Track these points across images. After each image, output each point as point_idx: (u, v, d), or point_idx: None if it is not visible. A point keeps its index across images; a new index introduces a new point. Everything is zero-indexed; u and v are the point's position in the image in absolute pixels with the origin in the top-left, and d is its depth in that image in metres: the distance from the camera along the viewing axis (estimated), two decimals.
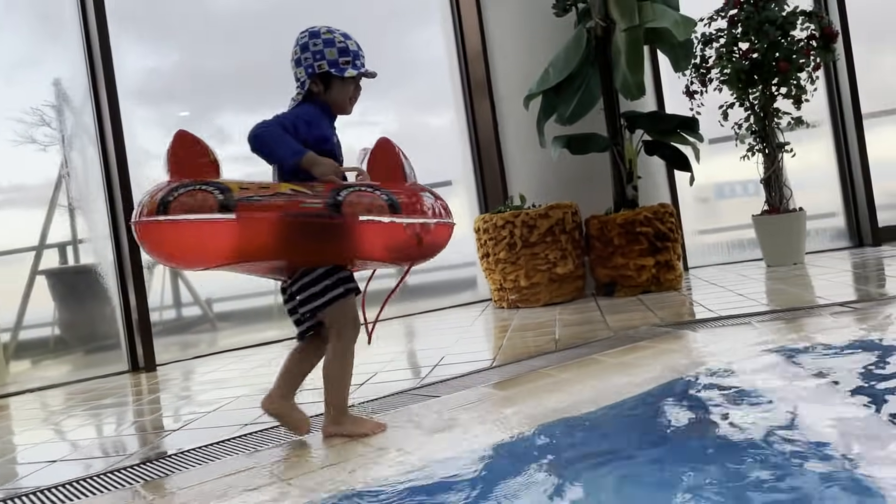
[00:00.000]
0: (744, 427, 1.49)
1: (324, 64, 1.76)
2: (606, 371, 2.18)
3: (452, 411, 1.92)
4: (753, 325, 2.61)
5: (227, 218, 1.56)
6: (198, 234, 1.57)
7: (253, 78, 4.90)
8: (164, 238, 1.58)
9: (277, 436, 1.90)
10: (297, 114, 1.77)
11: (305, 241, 1.63)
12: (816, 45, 4.46)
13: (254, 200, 1.59)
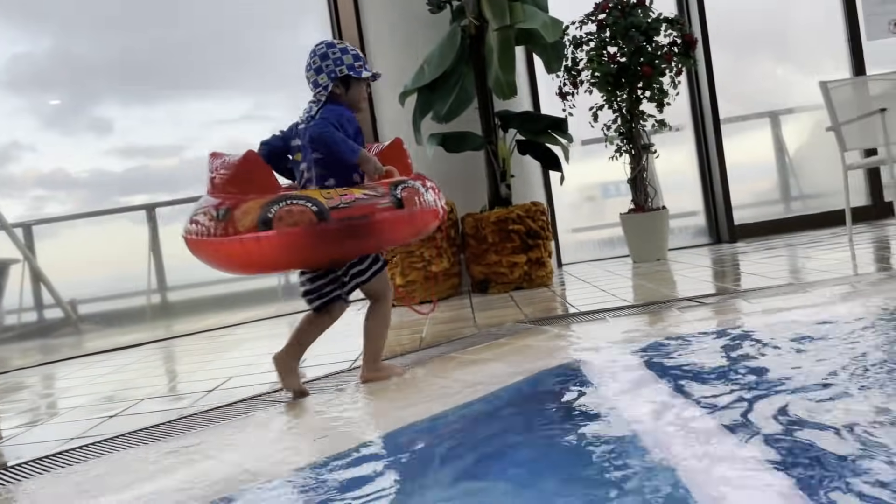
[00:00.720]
0: (579, 424, 1.51)
1: (344, 68, 2.03)
2: (461, 368, 2.18)
3: (298, 419, 1.85)
4: (607, 321, 2.69)
5: (325, 226, 1.77)
6: (300, 244, 1.77)
7: (134, 67, 4.64)
8: (264, 251, 1.75)
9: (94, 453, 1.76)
10: (338, 113, 1.99)
11: (380, 234, 1.88)
12: (678, 51, 4.69)
13: (341, 207, 1.80)
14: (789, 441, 1.20)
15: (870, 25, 5.60)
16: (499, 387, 1.84)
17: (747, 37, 5.88)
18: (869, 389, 1.42)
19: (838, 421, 1.26)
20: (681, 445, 1.26)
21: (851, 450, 1.12)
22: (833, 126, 4.31)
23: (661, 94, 4.70)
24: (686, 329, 2.31)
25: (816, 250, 4.16)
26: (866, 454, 1.09)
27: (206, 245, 1.83)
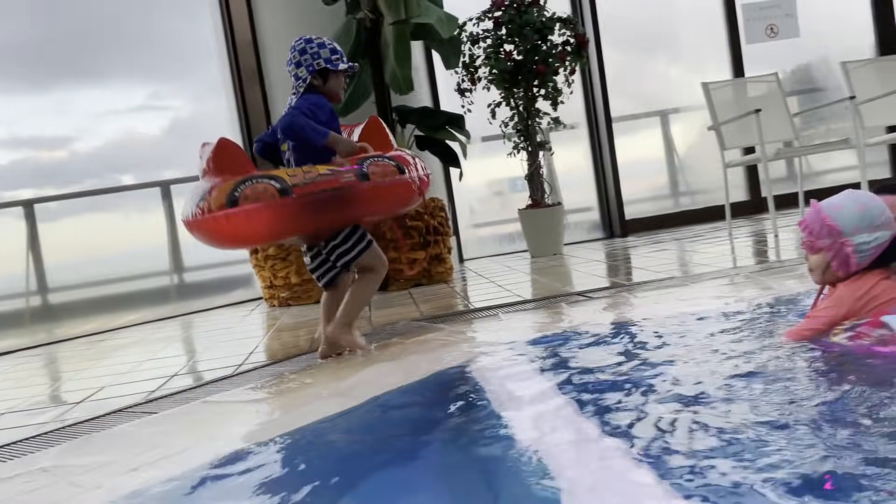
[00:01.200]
0: (461, 431, 1.50)
1: (321, 61, 2.20)
2: (350, 370, 2.13)
3: (169, 436, 1.74)
4: (500, 318, 2.71)
5: (287, 199, 1.93)
6: (265, 218, 1.93)
7: (18, 53, 4.29)
8: (235, 226, 1.93)
9: None
10: (310, 102, 2.16)
11: (347, 206, 2.05)
12: (570, 50, 4.79)
13: (304, 184, 1.96)
14: (666, 441, 1.22)
15: (748, 30, 5.92)
16: (383, 391, 1.81)
17: (639, 38, 6.09)
18: (739, 386, 1.47)
19: (711, 418, 1.30)
20: (562, 450, 1.27)
21: (727, 447, 1.16)
22: (714, 125, 4.53)
23: (555, 93, 4.79)
24: (573, 324, 2.35)
25: (699, 244, 4.37)
26: (737, 449, 1.13)
27: (190, 225, 2.07)
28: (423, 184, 2.27)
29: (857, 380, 1.39)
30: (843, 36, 6.10)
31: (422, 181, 2.26)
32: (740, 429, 1.20)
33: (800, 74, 6.26)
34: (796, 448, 1.09)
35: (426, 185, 2.30)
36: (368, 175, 2.07)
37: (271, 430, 1.60)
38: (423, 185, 2.27)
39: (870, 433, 1.11)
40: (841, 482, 0.96)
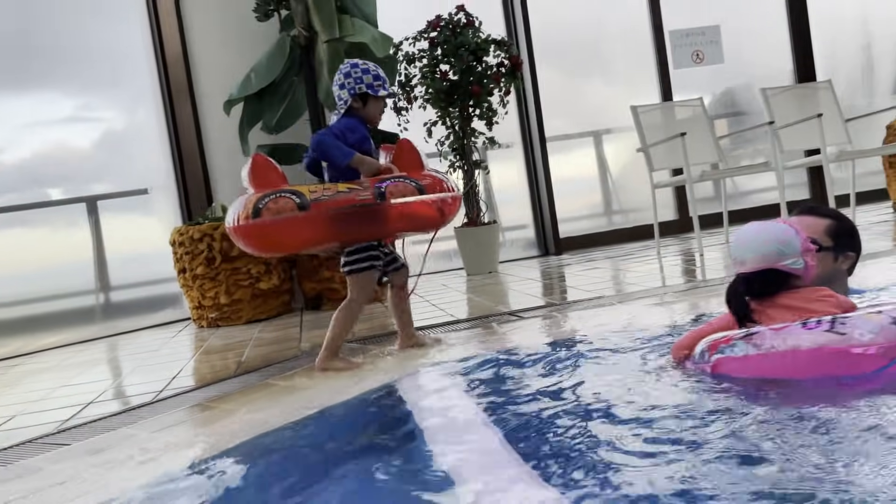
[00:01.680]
0: (381, 458, 1.47)
1: (363, 86, 2.33)
2: (273, 397, 2.08)
3: (72, 467, 1.66)
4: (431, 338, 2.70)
5: (305, 214, 2.10)
6: (285, 230, 2.12)
7: None
8: (260, 235, 2.14)
9: None
10: (342, 125, 2.35)
11: (363, 223, 2.18)
12: (505, 71, 4.86)
13: (322, 199, 2.12)
14: (580, 461, 1.23)
15: (676, 56, 6.14)
16: (303, 416, 1.77)
17: (574, 60, 6.23)
18: (662, 406, 1.50)
19: (623, 439, 1.31)
20: (475, 471, 1.26)
21: (641, 468, 1.17)
22: (642, 147, 4.66)
23: (490, 113, 4.85)
24: (502, 344, 2.36)
25: (630, 262, 4.47)
26: (652, 470, 1.15)
27: (229, 232, 2.25)
28: (448, 205, 2.33)
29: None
30: (764, 63, 6.39)
31: (445, 203, 2.32)
32: (660, 452, 1.22)
33: (725, 99, 6.52)
34: (699, 468, 1.11)
35: (451, 206, 2.36)
36: (385, 194, 2.18)
37: (183, 460, 1.54)
38: (448, 206, 2.33)
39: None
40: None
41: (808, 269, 1.69)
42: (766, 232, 1.71)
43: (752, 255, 1.71)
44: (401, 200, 2.22)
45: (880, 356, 1.46)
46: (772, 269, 1.68)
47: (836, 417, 1.28)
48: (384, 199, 2.18)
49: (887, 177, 5.37)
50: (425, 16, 4.89)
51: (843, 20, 6.52)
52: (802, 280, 1.70)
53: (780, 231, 1.71)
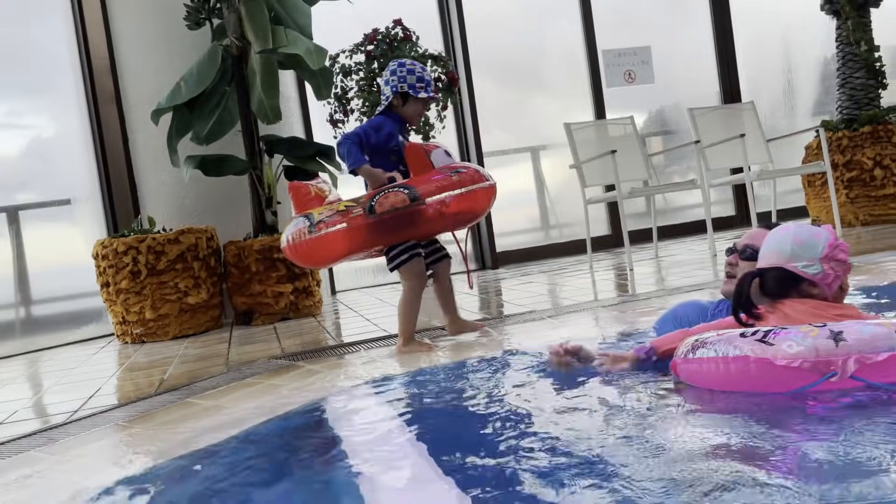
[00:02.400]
0: (308, 466, 1.44)
1: (404, 86, 2.46)
2: (194, 416, 2.01)
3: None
4: (362, 353, 2.67)
5: (310, 236, 2.38)
6: (303, 252, 2.43)
7: None
8: (293, 255, 2.48)
9: None
10: (370, 123, 2.49)
11: (362, 237, 2.34)
12: (442, 86, 4.89)
13: (324, 220, 2.35)
14: (503, 476, 1.22)
15: (609, 75, 6.30)
16: (226, 436, 1.71)
17: (512, 77, 6.32)
18: (600, 428, 1.51)
19: (546, 455, 1.32)
20: (397, 490, 1.24)
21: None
22: (575, 164, 4.75)
23: (427, 127, 4.86)
24: (434, 360, 2.35)
25: (564, 277, 4.53)
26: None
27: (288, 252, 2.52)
28: (445, 205, 2.33)
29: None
30: (692, 84, 6.62)
31: (442, 203, 2.33)
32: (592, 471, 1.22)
33: (657, 118, 6.72)
34: (625, 478, 1.12)
35: (457, 203, 2.35)
36: (375, 208, 2.29)
37: (92, 483, 1.46)
38: (445, 206, 2.33)
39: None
40: None
41: (826, 277, 1.61)
42: (791, 231, 1.66)
43: (768, 250, 1.66)
44: (432, 199, 2.33)
45: (808, 371, 1.38)
46: (782, 268, 1.62)
47: (753, 420, 1.31)
48: (373, 212, 2.30)
49: (806, 194, 5.62)
50: (362, 29, 4.88)
51: (767, 45, 6.83)
52: (820, 290, 1.62)
53: (805, 232, 1.64)
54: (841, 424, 1.26)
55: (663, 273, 4.08)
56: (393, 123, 2.50)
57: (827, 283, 1.61)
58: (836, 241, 1.63)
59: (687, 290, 3.18)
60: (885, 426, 1.22)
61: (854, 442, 1.17)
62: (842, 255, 1.62)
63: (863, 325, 1.43)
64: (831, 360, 1.38)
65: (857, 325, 1.43)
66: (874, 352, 1.36)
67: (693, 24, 6.66)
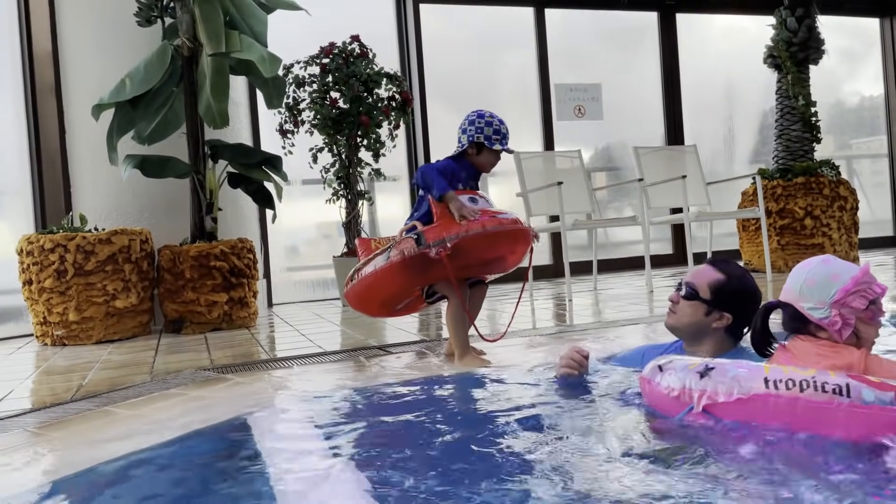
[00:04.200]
0: (224, 486, 1.38)
1: (480, 137, 2.52)
2: (111, 426, 1.91)
3: None
4: (294, 369, 2.60)
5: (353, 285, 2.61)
6: (353, 299, 2.67)
7: None
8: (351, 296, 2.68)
9: None
10: (440, 164, 2.55)
11: (385, 283, 2.50)
12: (396, 105, 4.88)
13: (359, 269, 2.55)
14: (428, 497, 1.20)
15: (559, 108, 6.43)
16: (141, 447, 1.63)
17: (465, 101, 6.37)
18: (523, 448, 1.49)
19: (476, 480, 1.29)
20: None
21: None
22: (522, 192, 4.80)
23: (378, 145, 4.84)
24: (364, 380, 2.31)
25: (504, 303, 4.55)
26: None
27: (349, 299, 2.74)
28: (446, 249, 2.33)
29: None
30: (639, 123, 6.82)
31: (443, 247, 2.34)
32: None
33: (604, 154, 6.88)
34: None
35: (460, 245, 2.34)
36: (390, 254, 2.41)
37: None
38: (446, 250, 2.33)
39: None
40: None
41: (833, 324, 1.54)
42: (808, 269, 1.59)
43: (787, 283, 1.62)
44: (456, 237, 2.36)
45: (677, 400, 1.50)
46: (792, 306, 1.59)
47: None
48: (388, 258, 2.41)
49: (740, 238, 5.82)
50: (318, 42, 4.85)
51: (711, 92, 7.09)
52: (828, 334, 1.56)
53: (823, 273, 1.56)
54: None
55: (601, 306, 4.14)
56: (460, 170, 2.54)
57: (835, 329, 1.54)
58: (853, 287, 1.52)
59: (622, 325, 3.23)
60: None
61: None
62: (857, 302, 1.52)
63: (734, 366, 1.48)
64: (692, 393, 1.48)
65: (731, 364, 1.49)
66: (728, 392, 1.43)
67: (642, 66, 6.88)
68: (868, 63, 7.79)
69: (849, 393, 1.32)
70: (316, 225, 5.95)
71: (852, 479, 1.19)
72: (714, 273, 1.89)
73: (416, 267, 2.38)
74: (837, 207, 5.46)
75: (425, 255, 2.35)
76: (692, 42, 6.94)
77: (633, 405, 1.71)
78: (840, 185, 5.50)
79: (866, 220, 6.86)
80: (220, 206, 4.24)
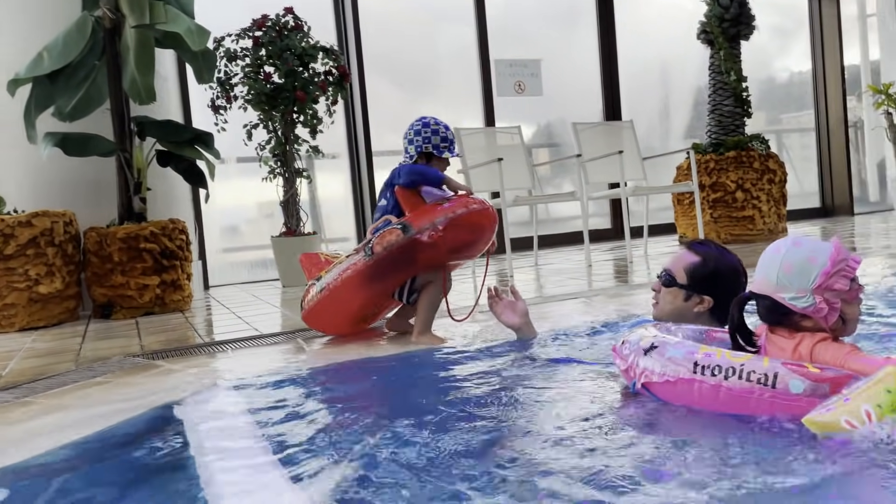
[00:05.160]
0: (154, 474, 1.32)
1: (429, 147, 2.52)
2: (31, 417, 1.82)
3: None
4: (229, 353, 2.53)
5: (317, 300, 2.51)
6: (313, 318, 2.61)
7: None
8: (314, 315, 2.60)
9: None
10: (419, 166, 2.51)
11: (358, 289, 2.43)
12: (332, 80, 4.77)
13: (332, 276, 2.45)
14: (359, 485, 1.17)
15: (500, 84, 6.40)
16: (68, 440, 1.55)
17: (406, 78, 6.29)
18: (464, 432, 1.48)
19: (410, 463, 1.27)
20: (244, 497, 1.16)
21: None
22: (463, 169, 4.77)
23: (315, 121, 4.73)
24: (301, 363, 2.26)
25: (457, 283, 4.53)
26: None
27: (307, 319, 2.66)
28: (436, 234, 2.32)
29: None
30: (577, 100, 6.86)
31: (431, 234, 2.32)
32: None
33: (544, 130, 6.91)
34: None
35: (444, 231, 2.32)
36: (372, 248, 2.35)
37: None
38: (437, 234, 2.32)
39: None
40: None
41: (819, 311, 1.38)
42: (781, 254, 1.42)
43: (758, 273, 1.46)
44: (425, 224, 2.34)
45: (629, 376, 1.55)
46: (771, 298, 1.42)
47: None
48: (371, 252, 2.34)
49: (675, 212, 5.95)
50: (250, 14, 4.68)
51: (648, 68, 7.19)
52: (814, 322, 1.40)
53: (798, 256, 1.40)
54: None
55: (542, 281, 4.17)
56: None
57: (821, 316, 1.39)
58: (832, 268, 1.37)
59: (562, 299, 3.26)
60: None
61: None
62: (840, 284, 1.37)
63: (677, 346, 1.46)
64: (636, 370, 1.52)
65: (673, 344, 1.47)
66: (661, 372, 1.45)
67: (581, 43, 6.91)
68: (798, 39, 8.03)
69: (774, 383, 1.30)
70: (254, 204, 5.80)
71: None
72: (690, 256, 1.86)
73: (402, 259, 2.34)
74: (767, 180, 5.63)
75: (414, 242, 2.31)
76: (630, 19, 6.99)
77: (598, 375, 1.72)
78: (769, 159, 5.67)
79: (794, 192, 7.12)
80: (149, 185, 4.07)
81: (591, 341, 2.22)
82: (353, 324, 2.62)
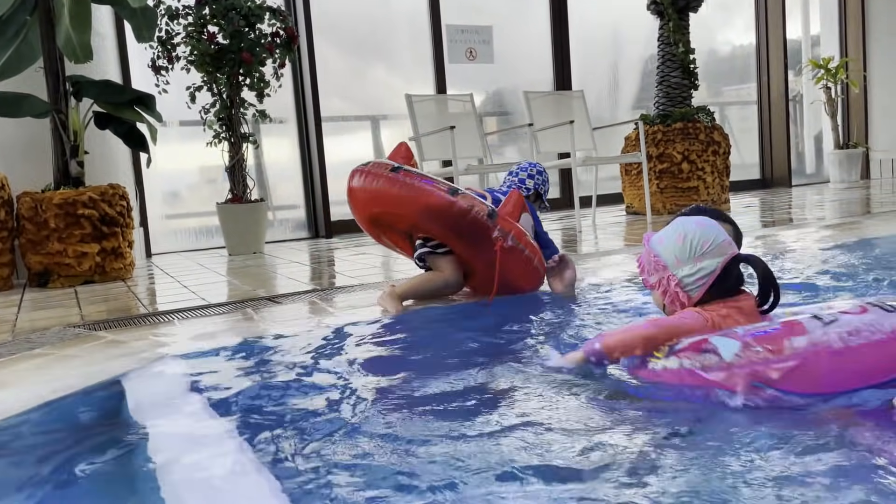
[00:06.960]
0: (90, 462, 1.28)
1: (543, 189, 2.93)
2: None
3: None
4: (175, 323, 2.47)
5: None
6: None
7: None
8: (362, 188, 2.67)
9: None
10: None
11: (438, 209, 2.36)
12: (280, 42, 4.63)
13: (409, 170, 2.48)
14: (312, 459, 1.16)
15: (451, 50, 6.33)
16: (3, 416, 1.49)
17: (356, 43, 6.15)
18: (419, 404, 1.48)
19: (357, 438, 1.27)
20: (194, 474, 1.14)
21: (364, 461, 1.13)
22: (415, 136, 4.73)
23: (262, 84, 4.59)
24: (249, 333, 2.22)
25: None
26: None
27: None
28: (498, 241, 2.30)
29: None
30: (529, 68, 6.85)
31: (498, 239, 2.32)
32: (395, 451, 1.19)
33: (495, 98, 6.88)
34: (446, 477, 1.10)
35: (500, 247, 2.30)
36: (456, 193, 2.36)
37: None
38: (498, 242, 2.30)
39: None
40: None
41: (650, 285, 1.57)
42: (704, 226, 1.52)
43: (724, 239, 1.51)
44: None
45: None
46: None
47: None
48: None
49: (623, 182, 6.04)
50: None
51: (598, 38, 7.21)
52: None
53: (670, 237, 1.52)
54: None
55: None
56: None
57: (655, 291, 1.58)
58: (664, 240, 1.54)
59: None
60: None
61: None
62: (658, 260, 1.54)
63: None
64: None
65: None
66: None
67: (533, 10, 6.87)
68: (741, 13, 8.16)
69: None
70: (198, 169, 5.63)
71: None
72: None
73: (462, 228, 2.30)
74: (712, 152, 5.76)
75: (482, 227, 2.28)
76: None
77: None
78: (714, 131, 5.79)
79: (736, 164, 7.31)
80: (87, 148, 3.90)
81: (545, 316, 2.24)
82: (371, 226, 2.72)
